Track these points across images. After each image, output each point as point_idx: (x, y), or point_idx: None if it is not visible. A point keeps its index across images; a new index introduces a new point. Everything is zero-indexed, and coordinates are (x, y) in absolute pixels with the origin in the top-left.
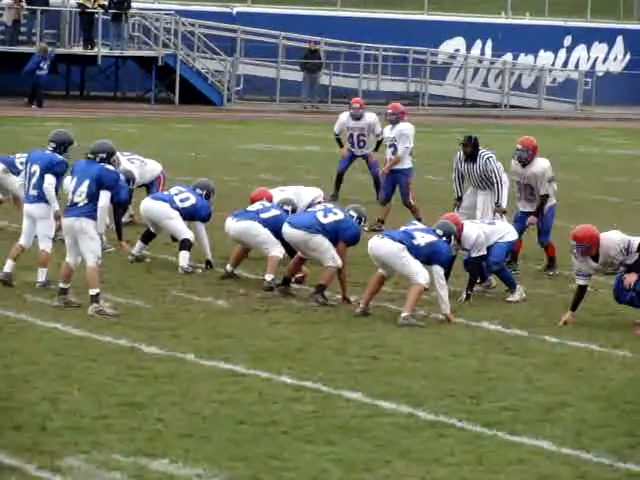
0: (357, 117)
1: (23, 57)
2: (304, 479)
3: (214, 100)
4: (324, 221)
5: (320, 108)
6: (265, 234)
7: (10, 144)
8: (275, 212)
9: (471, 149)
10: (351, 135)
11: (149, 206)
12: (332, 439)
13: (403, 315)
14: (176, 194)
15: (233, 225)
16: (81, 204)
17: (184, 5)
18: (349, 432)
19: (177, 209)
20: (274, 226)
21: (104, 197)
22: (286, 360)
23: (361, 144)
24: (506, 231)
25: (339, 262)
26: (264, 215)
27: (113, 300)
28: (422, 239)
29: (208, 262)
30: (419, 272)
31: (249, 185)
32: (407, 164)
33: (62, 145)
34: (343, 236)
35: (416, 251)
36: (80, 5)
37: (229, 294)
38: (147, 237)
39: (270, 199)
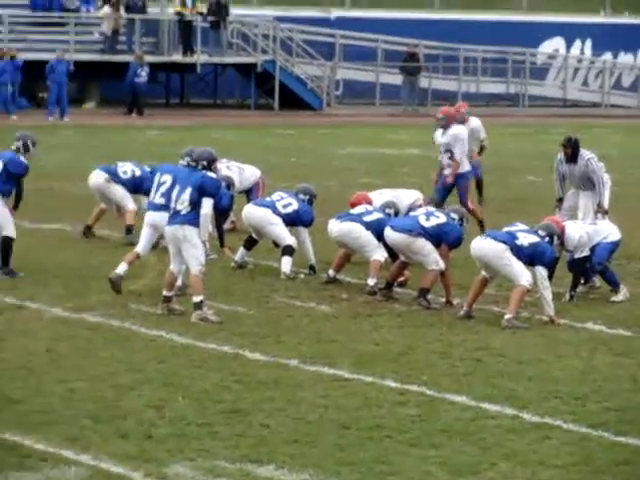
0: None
1: (123, 66)
2: None
3: (314, 105)
4: (426, 225)
5: (420, 111)
6: (367, 237)
7: (112, 153)
8: (378, 215)
9: (572, 150)
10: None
11: (251, 212)
12: (437, 442)
13: (506, 317)
14: (278, 200)
15: (336, 227)
16: (184, 212)
17: (282, 11)
18: (454, 435)
19: (279, 215)
20: (377, 229)
21: (206, 204)
22: (390, 364)
23: None
24: (609, 231)
25: (442, 265)
26: (367, 218)
27: (216, 307)
28: (525, 239)
29: (311, 267)
30: (522, 273)
31: (349, 189)
32: (465, 167)
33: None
34: (446, 239)
35: (519, 252)
36: (178, 13)
37: (332, 299)
38: (250, 244)
39: (370, 203)
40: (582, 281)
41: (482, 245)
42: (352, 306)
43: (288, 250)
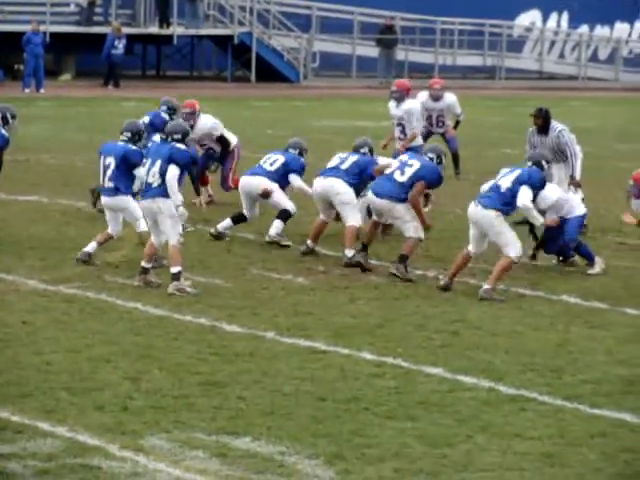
0: (436, 98)
1: (99, 38)
2: (386, 455)
3: (290, 77)
4: (403, 179)
5: None
6: (349, 194)
7: (89, 125)
8: (353, 158)
9: (542, 121)
10: (430, 116)
11: (247, 182)
12: (413, 414)
13: (485, 288)
14: (264, 162)
15: (320, 183)
16: (155, 185)
17: None
18: (430, 407)
19: (275, 180)
20: (359, 171)
21: (170, 170)
22: (367, 336)
23: (440, 124)
24: (576, 205)
25: (421, 234)
26: (345, 165)
27: (193, 279)
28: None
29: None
30: (513, 244)
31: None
32: (418, 142)
33: (137, 134)
34: (428, 182)
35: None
36: None
37: (309, 271)
38: (238, 219)
39: None
40: (562, 259)
41: (476, 211)
42: (328, 278)
43: (283, 215)
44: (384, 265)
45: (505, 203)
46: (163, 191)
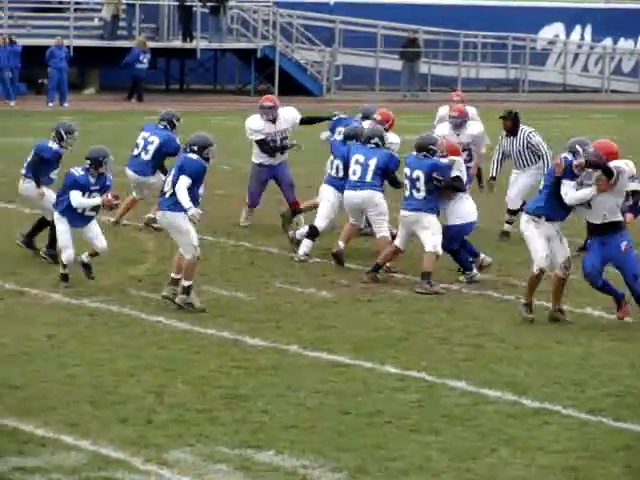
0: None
1: (123, 52)
2: (410, 468)
3: (313, 91)
4: (422, 195)
5: (419, 97)
6: (385, 206)
7: (112, 139)
8: (373, 162)
9: (512, 122)
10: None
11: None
12: (437, 428)
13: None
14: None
15: (356, 194)
16: (167, 195)
17: None
18: (454, 421)
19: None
20: (383, 171)
21: (182, 179)
22: (390, 350)
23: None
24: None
25: (439, 249)
26: (370, 174)
27: (215, 292)
28: None
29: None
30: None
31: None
32: None
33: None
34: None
35: None
36: None
37: (332, 285)
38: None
39: None
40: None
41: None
42: (352, 292)
43: (312, 232)
44: (406, 278)
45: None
46: (173, 204)
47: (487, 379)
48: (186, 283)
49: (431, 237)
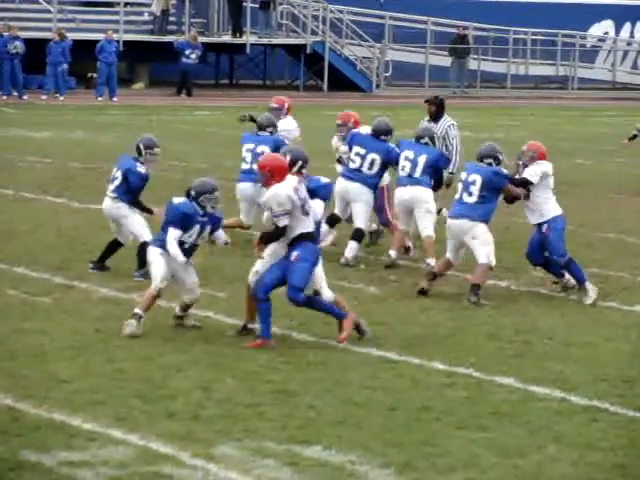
0: None
1: (172, 47)
2: (457, 465)
3: (363, 87)
4: (473, 200)
5: (469, 93)
6: (433, 204)
7: (161, 133)
8: (423, 159)
9: (436, 108)
10: None
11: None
12: (485, 425)
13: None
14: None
15: (406, 191)
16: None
17: None
18: (502, 417)
19: None
20: (432, 169)
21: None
22: (438, 346)
23: None
24: None
25: (493, 260)
26: (419, 170)
27: None
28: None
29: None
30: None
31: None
32: None
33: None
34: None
35: None
36: None
37: (380, 281)
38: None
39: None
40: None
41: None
42: (400, 288)
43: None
44: (455, 275)
45: None
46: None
47: (535, 376)
48: (137, 311)
49: (482, 247)
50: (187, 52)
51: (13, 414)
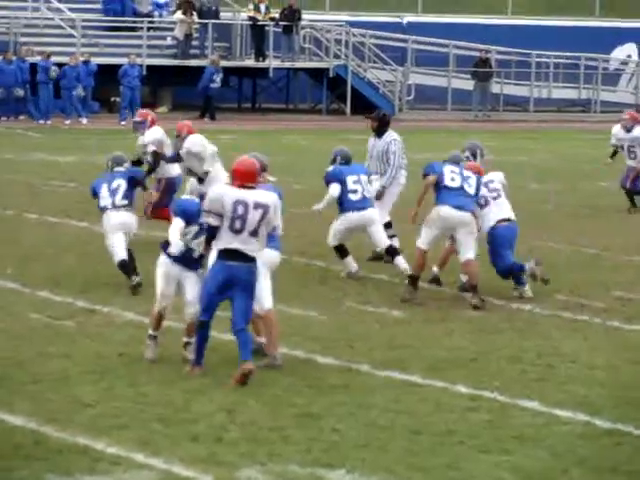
0: (628, 129)
1: (195, 71)
2: None
3: (386, 110)
4: (472, 192)
5: (492, 116)
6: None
7: None
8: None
9: (377, 124)
10: (621, 146)
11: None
12: (508, 448)
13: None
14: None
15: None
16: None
17: (354, 16)
18: (525, 441)
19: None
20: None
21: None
22: (462, 370)
23: (632, 155)
24: None
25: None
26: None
27: (288, 311)
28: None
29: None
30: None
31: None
32: None
33: None
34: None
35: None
36: (251, 18)
37: (404, 304)
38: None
39: None
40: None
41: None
42: (424, 311)
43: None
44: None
45: None
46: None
47: (559, 399)
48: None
49: (474, 243)
50: (213, 76)
51: (37, 438)
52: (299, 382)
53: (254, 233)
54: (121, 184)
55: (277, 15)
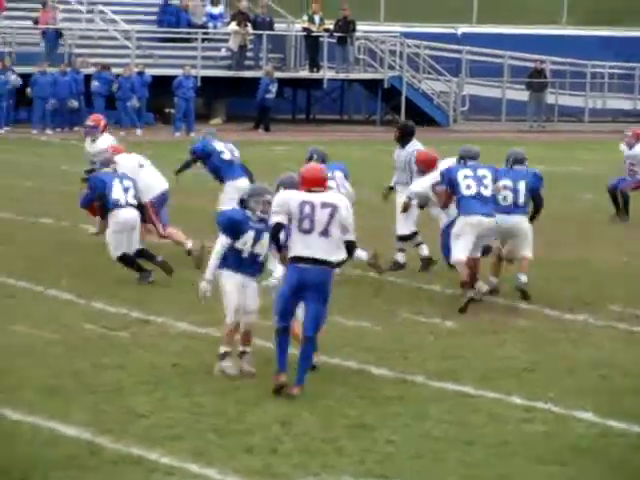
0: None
1: (250, 82)
2: None
3: (440, 121)
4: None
5: (546, 127)
6: (531, 230)
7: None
8: (523, 185)
9: (399, 134)
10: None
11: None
12: (563, 459)
13: None
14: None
15: (509, 220)
16: None
17: (409, 27)
18: (580, 452)
19: None
20: (531, 194)
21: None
22: (515, 380)
23: (631, 173)
24: None
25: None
26: (522, 199)
27: (342, 322)
28: None
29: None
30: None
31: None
32: None
33: None
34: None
35: None
36: (305, 29)
37: (457, 315)
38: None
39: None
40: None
41: None
42: (477, 322)
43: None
44: (532, 309)
45: None
46: None
47: (614, 411)
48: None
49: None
50: (269, 87)
51: (92, 448)
52: (352, 393)
53: (325, 233)
54: (131, 185)
55: (331, 26)
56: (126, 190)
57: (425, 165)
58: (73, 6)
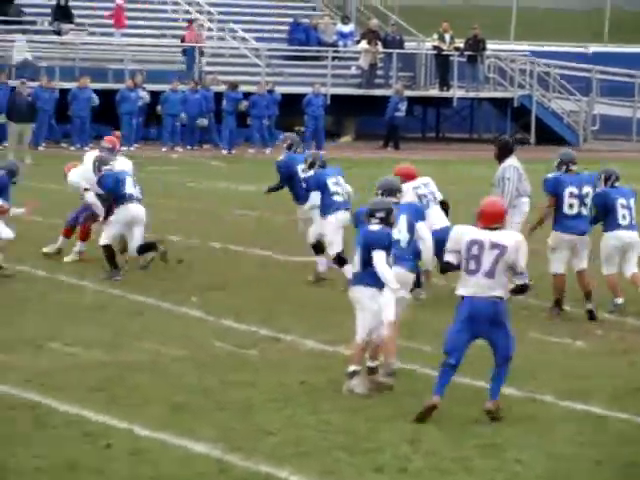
0: None
1: (379, 100)
2: None
3: (570, 140)
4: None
5: None
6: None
7: (366, 186)
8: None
9: (496, 150)
10: None
11: None
12: None
13: None
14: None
15: (629, 235)
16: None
17: (539, 46)
18: None
19: None
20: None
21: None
22: None
23: None
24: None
25: None
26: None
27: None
28: None
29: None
30: None
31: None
32: None
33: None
34: None
35: None
36: (436, 47)
37: (587, 335)
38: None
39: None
40: None
41: None
42: (607, 342)
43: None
44: None
45: None
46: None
47: None
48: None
49: None
50: (398, 106)
51: (221, 466)
52: (481, 412)
53: (490, 274)
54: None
55: (462, 45)
56: (135, 185)
57: (404, 177)
58: (204, 24)
